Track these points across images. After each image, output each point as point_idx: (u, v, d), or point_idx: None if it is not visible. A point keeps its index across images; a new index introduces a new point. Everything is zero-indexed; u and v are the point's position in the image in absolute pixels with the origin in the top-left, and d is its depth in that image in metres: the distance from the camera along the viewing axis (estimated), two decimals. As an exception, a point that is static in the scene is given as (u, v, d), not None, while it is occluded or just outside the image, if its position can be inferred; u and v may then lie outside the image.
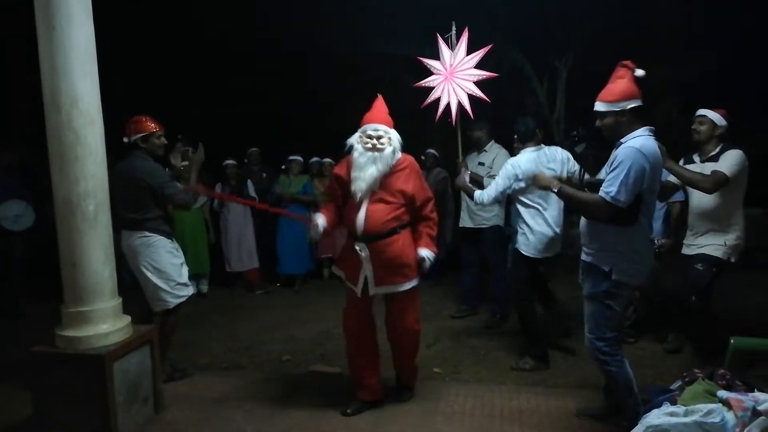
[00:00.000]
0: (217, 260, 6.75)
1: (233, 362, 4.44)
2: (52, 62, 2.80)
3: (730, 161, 3.70)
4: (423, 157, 6.87)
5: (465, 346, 4.71)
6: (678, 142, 6.07)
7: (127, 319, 3.25)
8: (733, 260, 3.88)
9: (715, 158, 3.81)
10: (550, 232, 4.09)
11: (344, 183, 3.32)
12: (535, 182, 3.31)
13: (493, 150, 5.18)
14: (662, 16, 7.42)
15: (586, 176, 3.75)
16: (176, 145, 4.13)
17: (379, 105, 3.40)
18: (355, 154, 3.22)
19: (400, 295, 3.33)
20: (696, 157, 4.02)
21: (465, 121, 4.80)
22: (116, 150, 3.75)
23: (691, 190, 3.97)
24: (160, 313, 3.75)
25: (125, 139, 3.75)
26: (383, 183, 3.22)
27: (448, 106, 4.65)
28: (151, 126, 3.76)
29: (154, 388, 3.39)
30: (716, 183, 3.63)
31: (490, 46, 4.45)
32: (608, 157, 2.98)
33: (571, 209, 3.88)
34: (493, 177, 5.00)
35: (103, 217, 3.06)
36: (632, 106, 2.81)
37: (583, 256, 3.05)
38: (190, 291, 3.91)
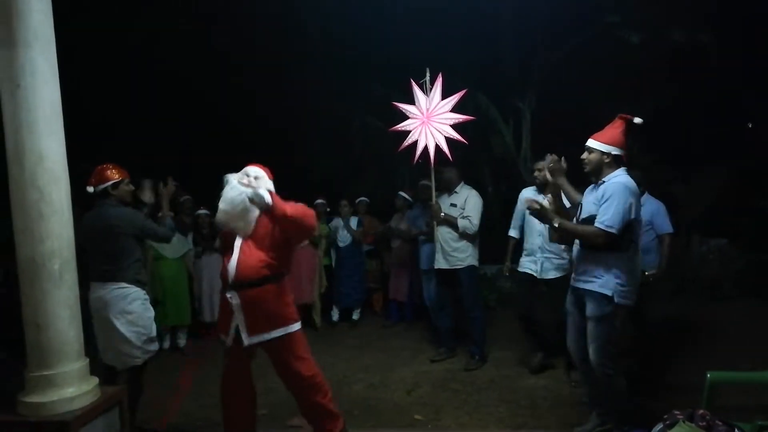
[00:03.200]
0: (191, 311, 6.57)
1: (207, 419, 4.28)
2: (16, 119, 2.75)
3: None
4: (396, 199, 6.93)
5: (445, 390, 4.65)
6: (641, 181, 6.27)
7: (95, 380, 3.11)
8: None
9: None
10: None
11: (227, 234, 3.30)
12: (540, 215, 3.38)
13: (464, 191, 5.26)
14: (615, 56, 7.75)
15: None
16: (143, 182, 4.07)
17: (259, 164, 3.40)
18: (227, 187, 3.20)
19: (280, 341, 3.22)
20: None
21: (437, 163, 4.92)
22: (79, 200, 3.65)
23: None
24: (127, 371, 3.62)
25: (90, 189, 3.70)
26: (256, 230, 3.20)
27: (425, 149, 4.79)
28: (120, 174, 3.74)
29: (123, 452, 3.23)
30: None
31: (464, 91, 4.67)
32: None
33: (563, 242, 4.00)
34: (466, 218, 5.09)
35: (68, 277, 2.96)
36: (616, 153, 3.32)
37: (580, 284, 3.38)
38: (156, 347, 3.82)
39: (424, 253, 5.76)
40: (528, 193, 4.82)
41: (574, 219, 3.49)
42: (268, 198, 3.11)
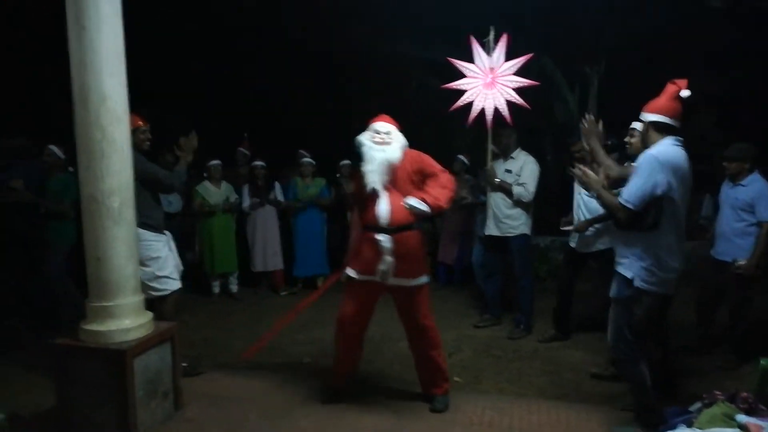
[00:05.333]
0: (244, 260, 6.80)
1: (254, 362, 4.44)
2: (81, 60, 2.85)
3: None
4: (453, 164, 6.82)
5: (487, 356, 4.63)
6: (712, 155, 5.90)
7: (149, 315, 3.29)
8: None
9: None
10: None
11: (361, 188, 3.42)
12: (583, 181, 3.23)
13: (521, 157, 5.10)
14: (696, 26, 7.21)
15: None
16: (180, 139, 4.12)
17: (385, 115, 3.51)
18: (365, 149, 3.34)
19: (413, 288, 3.38)
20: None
21: (494, 126, 4.78)
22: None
23: None
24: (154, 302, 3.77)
25: None
26: (396, 179, 3.33)
27: (482, 111, 4.64)
28: (137, 121, 3.79)
29: (173, 384, 3.41)
30: None
31: (530, 55, 4.45)
32: None
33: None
34: (521, 185, 4.95)
35: (127, 214, 3.10)
36: (654, 119, 2.96)
37: (615, 265, 3.15)
38: (173, 285, 3.90)
39: (480, 218, 5.68)
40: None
41: None
42: (424, 207, 3.22)
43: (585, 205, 4.54)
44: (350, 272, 3.49)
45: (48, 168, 5.11)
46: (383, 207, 3.29)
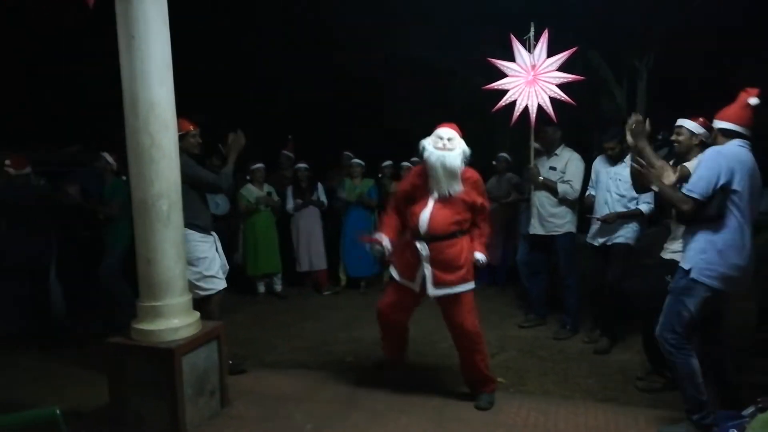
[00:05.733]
0: (289, 261, 6.92)
1: (298, 361, 4.52)
2: (131, 70, 2.97)
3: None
4: (494, 162, 6.75)
5: (531, 356, 4.56)
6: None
7: (196, 315, 3.39)
8: None
9: None
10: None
11: (417, 186, 3.51)
12: (642, 176, 3.24)
13: (565, 153, 5.00)
14: (752, 15, 6.87)
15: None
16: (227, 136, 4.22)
17: (451, 123, 3.55)
18: (426, 154, 3.39)
19: (455, 296, 3.43)
20: None
21: (538, 123, 4.72)
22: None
23: None
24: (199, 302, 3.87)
25: None
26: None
27: (525, 109, 4.59)
28: (188, 126, 3.90)
29: (220, 382, 3.50)
30: None
31: (574, 49, 4.38)
32: None
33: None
34: (566, 182, 4.85)
35: (175, 217, 3.20)
36: (723, 126, 3.02)
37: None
38: (219, 285, 3.98)
39: (524, 217, 5.61)
40: (599, 162, 4.75)
41: None
42: (483, 258, 3.51)
43: (611, 203, 4.54)
44: (393, 272, 3.62)
45: (101, 174, 5.35)
46: (425, 216, 3.37)
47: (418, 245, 3.40)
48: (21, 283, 4.81)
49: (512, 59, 4.63)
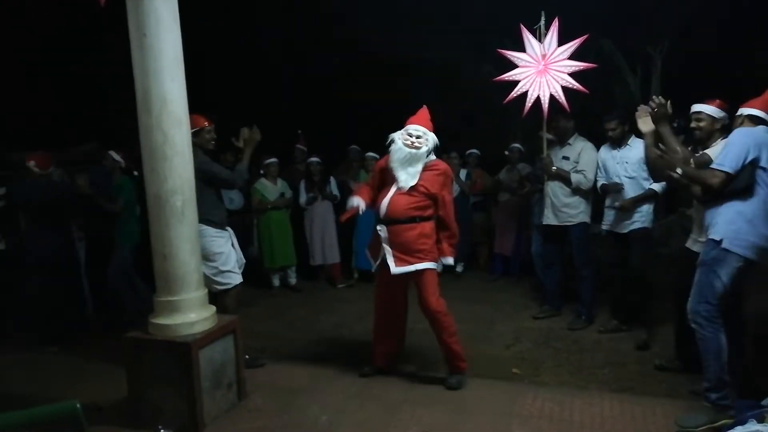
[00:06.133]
0: (302, 254, 6.95)
1: (313, 353, 4.55)
2: (143, 67, 2.99)
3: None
4: (507, 152, 6.71)
5: (546, 347, 4.55)
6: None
7: (212, 309, 3.43)
8: None
9: None
10: None
11: (384, 173, 3.77)
12: (665, 163, 3.30)
13: (578, 143, 4.96)
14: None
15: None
16: (241, 130, 4.21)
17: (423, 111, 3.80)
18: (394, 147, 3.64)
19: (417, 274, 3.64)
20: None
21: (550, 113, 4.69)
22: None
23: None
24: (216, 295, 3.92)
25: None
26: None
27: (537, 99, 4.57)
28: (203, 122, 3.92)
29: (237, 375, 3.54)
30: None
31: (585, 36, 4.35)
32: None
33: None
34: (579, 172, 4.82)
35: (189, 213, 3.23)
36: (750, 113, 3.15)
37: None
38: (234, 279, 4.01)
39: (536, 207, 5.58)
40: (603, 150, 4.76)
41: None
42: (451, 261, 3.81)
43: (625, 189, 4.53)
44: (370, 259, 3.91)
45: (110, 171, 5.43)
46: (385, 201, 3.65)
47: (378, 227, 3.70)
48: (47, 279, 4.90)
49: (524, 50, 4.59)
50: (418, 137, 3.60)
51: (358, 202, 3.73)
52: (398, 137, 3.65)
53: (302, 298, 6.42)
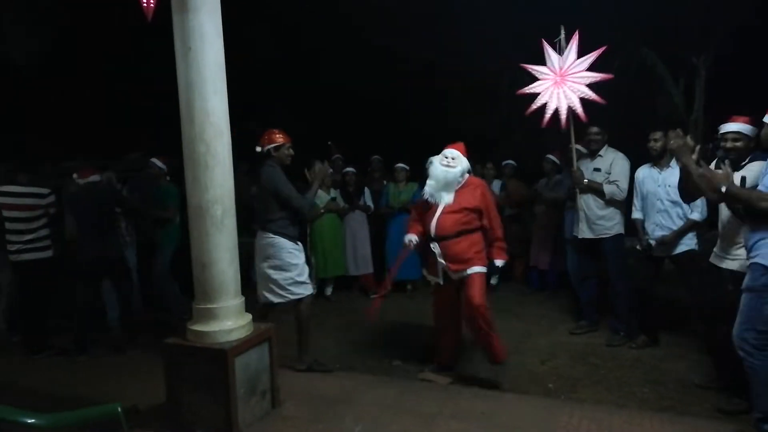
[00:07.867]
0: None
1: (346, 363, 4.57)
2: (187, 79, 3.08)
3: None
4: (544, 163, 6.63)
5: (584, 364, 4.45)
6: None
7: (249, 316, 3.48)
8: None
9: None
10: None
11: (423, 205, 4.22)
12: (707, 180, 3.09)
13: (609, 154, 4.89)
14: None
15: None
16: (314, 163, 4.47)
17: (459, 144, 4.23)
18: (432, 167, 4.11)
19: (466, 278, 4.00)
20: None
21: (582, 125, 4.67)
22: (248, 157, 4.39)
23: None
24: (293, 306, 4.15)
25: (258, 149, 4.16)
26: (454, 198, 4.06)
27: (556, 111, 4.61)
28: (282, 138, 4.13)
29: (271, 383, 3.57)
30: None
31: (603, 48, 4.41)
32: None
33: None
34: (612, 183, 4.73)
35: (228, 222, 3.30)
36: None
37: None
38: (307, 290, 4.18)
39: (568, 220, 5.49)
40: (644, 171, 4.60)
41: None
42: (502, 263, 4.23)
43: (667, 216, 4.40)
44: (424, 272, 4.31)
45: (153, 178, 5.60)
46: (434, 221, 4.04)
47: (432, 245, 4.08)
48: (95, 284, 5.09)
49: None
50: (453, 158, 4.08)
51: (410, 237, 4.17)
52: (436, 159, 4.13)
53: (337, 308, 6.45)
